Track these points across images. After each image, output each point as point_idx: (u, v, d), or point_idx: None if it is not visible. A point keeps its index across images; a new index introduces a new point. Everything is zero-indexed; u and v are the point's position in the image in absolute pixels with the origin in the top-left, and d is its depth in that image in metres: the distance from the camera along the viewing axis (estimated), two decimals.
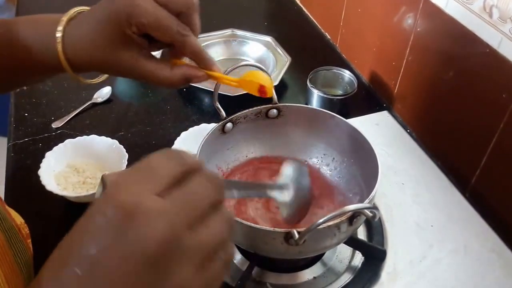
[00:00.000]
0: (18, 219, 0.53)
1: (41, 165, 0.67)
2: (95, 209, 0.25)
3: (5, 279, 0.40)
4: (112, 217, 0.24)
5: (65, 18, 0.46)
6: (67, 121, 0.82)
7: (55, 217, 0.67)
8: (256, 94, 0.50)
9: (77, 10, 0.47)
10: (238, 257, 0.61)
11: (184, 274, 0.25)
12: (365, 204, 0.48)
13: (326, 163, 0.65)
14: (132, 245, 0.24)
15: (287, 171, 0.51)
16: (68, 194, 0.65)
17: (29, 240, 0.53)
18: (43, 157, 0.69)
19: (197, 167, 0.28)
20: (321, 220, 0.44)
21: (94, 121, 0.84)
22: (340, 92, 0.84)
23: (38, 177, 0.66)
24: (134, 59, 0.44)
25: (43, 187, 0.65)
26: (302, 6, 1.20)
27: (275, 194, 0.48)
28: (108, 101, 0.88)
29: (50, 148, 0.70)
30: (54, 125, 0.82)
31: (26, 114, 0.84)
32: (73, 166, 0.71)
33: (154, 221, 0.24)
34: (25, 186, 0.72)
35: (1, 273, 0.40)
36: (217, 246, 0.27)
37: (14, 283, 0.41)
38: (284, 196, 0.49)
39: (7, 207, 0.50)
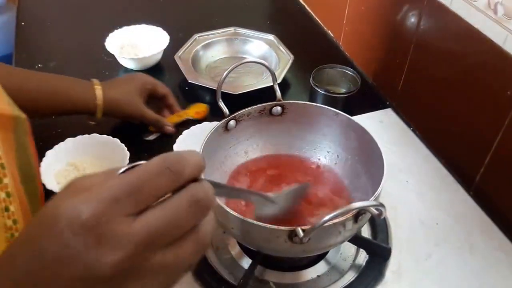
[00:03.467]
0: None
1: (41, 163, 0.67)
2: (58, 215, 0.24)
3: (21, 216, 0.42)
4: (68, 230, 0.23)
5: (95, 81, 0.73)
6: (67, 121, 0.82)
7: None
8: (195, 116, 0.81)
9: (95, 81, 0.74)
10: (241, 255, 0.60)
11: None
12: (371, 201, 0.47)
13: (330, 160, 0.65)
14: (88, 265, 0.23)
15: (288, 192, 0.53)
16: None
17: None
18: (43, 156, 0.68)
19: (192, 177, 0.27)
20: (326, 218, 0.43)
21: (95, 120, 0.83)
22: (343, 90, 0.83)
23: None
24: (145, 111, 0.76)
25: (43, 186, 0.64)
26: (304, 4, 1.19)
27: (259, 206, 0.49)
28: None
29: (50, 147, 0.70)
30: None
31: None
32: (73, 165, 0.70)
33: (113, 246, 0.23)
34: None
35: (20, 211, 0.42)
36: (184, 268, 0.27)
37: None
38: (268, 209, 0.50)
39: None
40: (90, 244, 0.23)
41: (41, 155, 0.68)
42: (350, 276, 0.59)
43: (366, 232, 0.64)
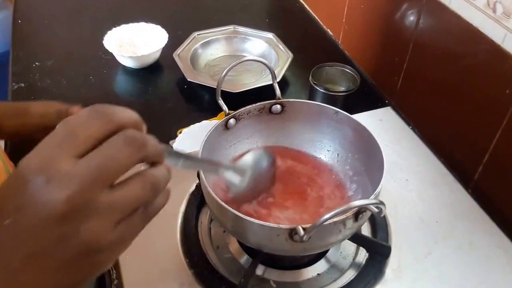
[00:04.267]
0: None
1: None
2: (14, 173, 0.27)
3: None
4: (22, 181, 0.26)
5: None
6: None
7: None
8: None
9: None
10: (241, 254, 0.60)
11: (95, 230, 0.27)
12: (371, 199, 0.47)
13: (330, 158, 0.65)
14: (42, 205, 0.26)
15: (249, 157, 0.53)
16: None
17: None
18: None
19: (125, 125, 0.28)
20: (326, 216, 0.43)
21: None
22: (342, 88, 0.83)
23: None
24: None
25: None
26: (303, 2, 1.19)
27: (228, 175, 0.49)
28: (107, 98, 0.87)
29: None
30: None
31: None
32: None
33: (61, 183, 0.26)
34: None
35: None
36: (132, 205, 0.28)
37: None
38: (236, 180, 0.50)
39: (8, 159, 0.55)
40: (40, 186, 0.26)
41: None
42: (350, 275, 0.59)
43: (366, 230, 0.64)
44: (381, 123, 0.81)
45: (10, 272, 0.27)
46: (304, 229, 0.45)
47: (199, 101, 0.88)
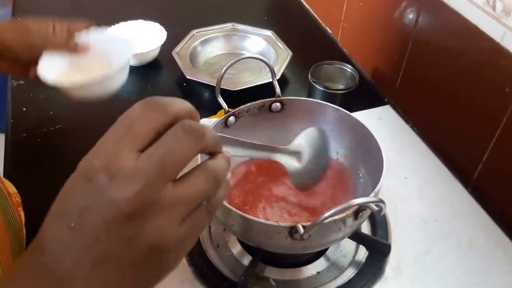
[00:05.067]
0: (11, 188, 0.54)
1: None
2: (75, 173, 0.27)
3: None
4: (84, 181, 0.26)
5: None
6: (65, 116, 0.81)
7: None
8: None
9: None
10: (241, 252, 0.60)
11: (162, 227, 0.26)
12: (371, 197, 0.47)
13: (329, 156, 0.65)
14: (107, 205, 0.25)
15: (303, 138, 0.48)
16: (65, 83, 0.59)
17: (20, 208, 0.54)
18: (41, 152, 0.68)
19: (181, 115, 0.28)
20: (326, 214, 0.43)
21: (94, 115, 0.83)
22: (341, 86, 0.83)
23: (36, 172, 0.65)
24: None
25: (41, 182, 0.64)
26: (302, 0, 1.19)
27: (284, 159, 0.45)
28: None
29: (48, 144, 0.69)
30: None
31: (24, 109, 0.83)
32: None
33: (125, 181, 0.25)
34: (23, 182, 0.71)
35: None
36: (198, 200, 0.28)
37: (6, 255, 0.42)
38: (293, 163, 0.46)
39: (1, 177, 0.51)
40: (104, 185, 0.25)
41: (39, 152, 0.68)
42: (350, 273, 0.59)
43: (365, 228, 0.64)
44: (380, 122, 0.81)
45: (81, 277, 0.25)
46: (304, 227, 0.45)
47: (199, 99, 0.87)
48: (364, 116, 0.61)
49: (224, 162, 0.29)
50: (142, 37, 0.96)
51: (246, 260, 0.59)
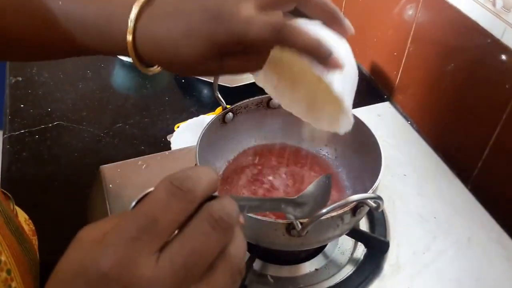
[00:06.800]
0: (21, 215, 0.52)
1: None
2: (74, 268, 0.22)
3: (21, 281, 0.39)
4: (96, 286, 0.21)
5: (139, 3, 0.36)
6: (63, 113, 0.81)
7: (54, 209, 0.66)
8: None
9: None
10: None
11: None
12: (369, 194, 0.47)
13: (328, 153, 0.65)
14: None
15: (311, 188, 0.47)
16: None
17: (35, 237, 0.51)
18: (39, 149, 0.67)
19: (204, 198, 0.24)
20: (324, 211, 0.43)
21: (91, 112, 0.83)
22: None
23: (35, 169, 0.65)
24: (220, 66, 0.38)
25: (39, 179, 0.64)
26: None
27: (289, 210, 0.44)
28: (104, 92, 0.87)
29: (46, 140, 0.69)
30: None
31: (22, 106, 0.83)
32: None
33: None
34: (22, 179, 0.71)
35: (19, 276, 0.38)
36: None
37: (28, 283, 0.40)
38: (298, 212, 0.45)
39: (15, 206, 0.49)
40: None
41: (37, 149, 0.67)
42: (348, 270, 0.58)
43: (364, 225, 0.63)
44: (380, 118, 0.81)
45: None
46: (301, 223, 0.44)
47: (197, 96, 0.87)
48: (363, 113, 0.60)
49: (244, 246, 0.25)
50: None
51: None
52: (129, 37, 0.36)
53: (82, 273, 0.21)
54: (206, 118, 0.75)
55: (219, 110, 0.77)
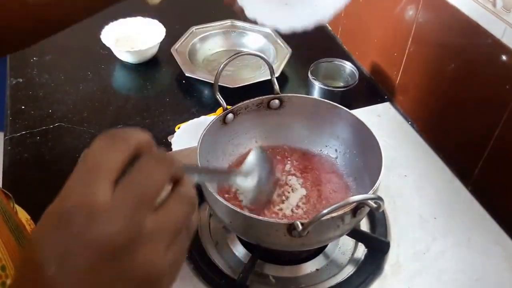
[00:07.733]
0: (23, 215, 0.52)
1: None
2: (44, 220, 0.25)
3: None
4: (60, 223, 0.24)
5: None
6: (64, 114, 0.81)
7: None
8: None
9: None
10: (240, 249, 0.60)
11: (151, 258, 0.26)
12: (370, 195, 0.47)
13: (328, 153, 0.65)
14: (89, 247, 0.24)
15: (251, 159, 0.52)
16: None
17: None
18: (40, 150, 0.68)
19: (144, 146, 0.27)
20: (324, 211, 0.43)
21: (92, 113, 0.83)
22: (341, 83, 0.83)
23: (36, 170, 0.65)
24: None
25: (40, 180, 0.64)
26: None
27: (238, 181, 0.48)
28: (105, 93, 0.87)
29: (47, 142, 0.69)
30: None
31: (23, 107, 0.83)
32: None
33: (105, 217, 0.24)
34: (23, 180, 0.71)
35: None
36: (179, 226, 0.27)
37: None
38: (247, 183, 0.49)
39: (15, 205, 0.49)
40: (83, 224, 0.24)
41: (37, 150, 0.67)
42: (348, 270, 0.59)
43: (364, 226, 0.64)
44: (380, 119, 0.81)
45: None
46: (302, 224, 0.45)
47: (198, 96, 0.87)
48: (364, 114, 0.61)
49: (191, 187, 0.29)
50: (141, 34, 0.96)
51: (245, 257, 0.59)
52: None
53: (50, 216, 0.25)
54: (207, 119, 0.75)
55: (219, 111, 0.77)
